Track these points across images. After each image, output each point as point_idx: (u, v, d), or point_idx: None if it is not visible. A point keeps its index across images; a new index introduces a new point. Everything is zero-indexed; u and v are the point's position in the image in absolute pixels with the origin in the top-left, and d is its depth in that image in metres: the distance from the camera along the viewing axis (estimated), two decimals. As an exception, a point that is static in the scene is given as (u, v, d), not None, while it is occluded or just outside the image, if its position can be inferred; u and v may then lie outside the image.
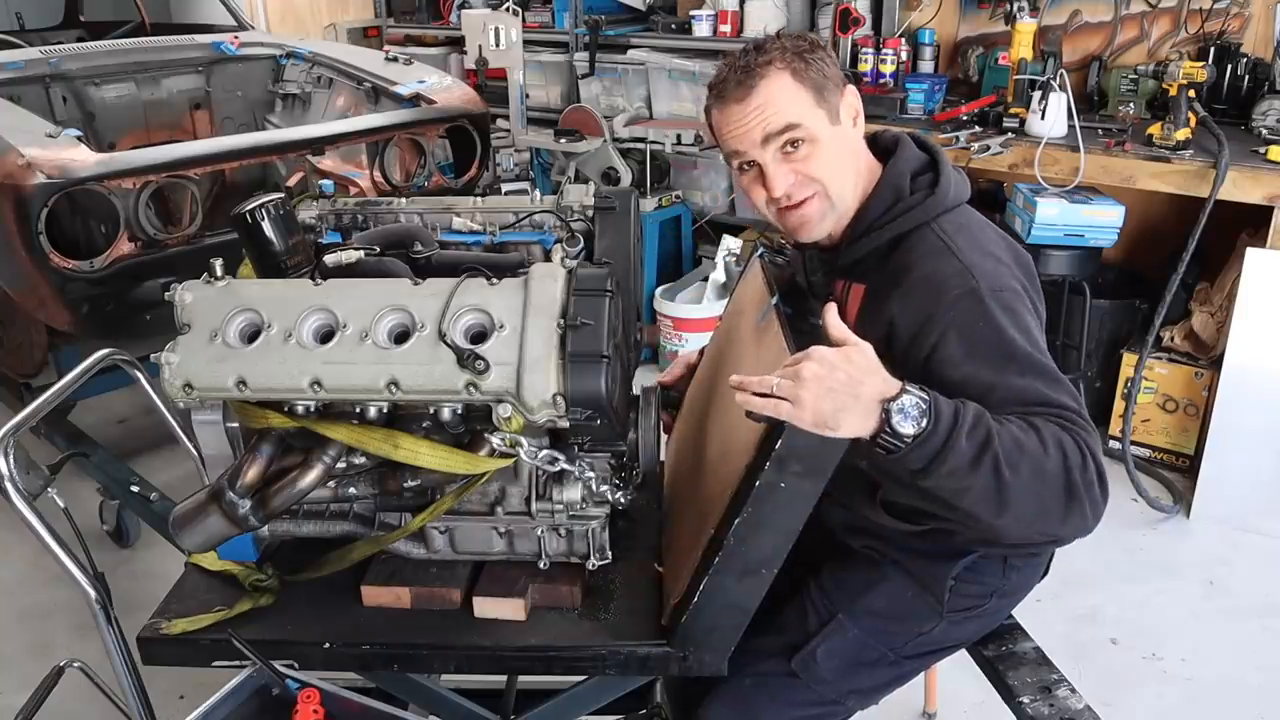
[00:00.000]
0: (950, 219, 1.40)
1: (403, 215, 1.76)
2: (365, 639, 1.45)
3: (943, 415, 1.14)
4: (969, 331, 1.28)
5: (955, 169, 1.47)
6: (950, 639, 1.57)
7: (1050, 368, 1.28)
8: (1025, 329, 1.30)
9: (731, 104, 1.39)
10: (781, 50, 1.38)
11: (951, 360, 1.27)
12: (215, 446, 1.46)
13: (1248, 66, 3.37)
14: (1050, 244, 3.13)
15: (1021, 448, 1.17)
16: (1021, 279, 1.37)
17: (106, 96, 3.70)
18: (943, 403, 1.16)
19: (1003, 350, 1.27)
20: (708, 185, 4.51)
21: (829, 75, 1.40)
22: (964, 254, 1.34)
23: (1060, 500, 1.19)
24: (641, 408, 1.51)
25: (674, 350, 4.06)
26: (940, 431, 1.14)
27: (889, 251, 1.42)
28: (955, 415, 1.15)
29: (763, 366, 1.43)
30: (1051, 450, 1.18)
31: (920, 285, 1.34)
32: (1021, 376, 1.25)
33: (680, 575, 1.40)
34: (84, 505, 2.99)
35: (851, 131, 1.44)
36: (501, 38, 4.25)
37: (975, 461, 1.15)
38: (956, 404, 1.17)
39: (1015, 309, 1.31)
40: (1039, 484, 1.17)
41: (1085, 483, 1.18)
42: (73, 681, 1.66)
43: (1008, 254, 1.40)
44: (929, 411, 1.14)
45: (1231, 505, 3.07)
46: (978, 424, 1.16)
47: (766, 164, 1.39)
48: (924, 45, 3.93)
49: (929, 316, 1.30)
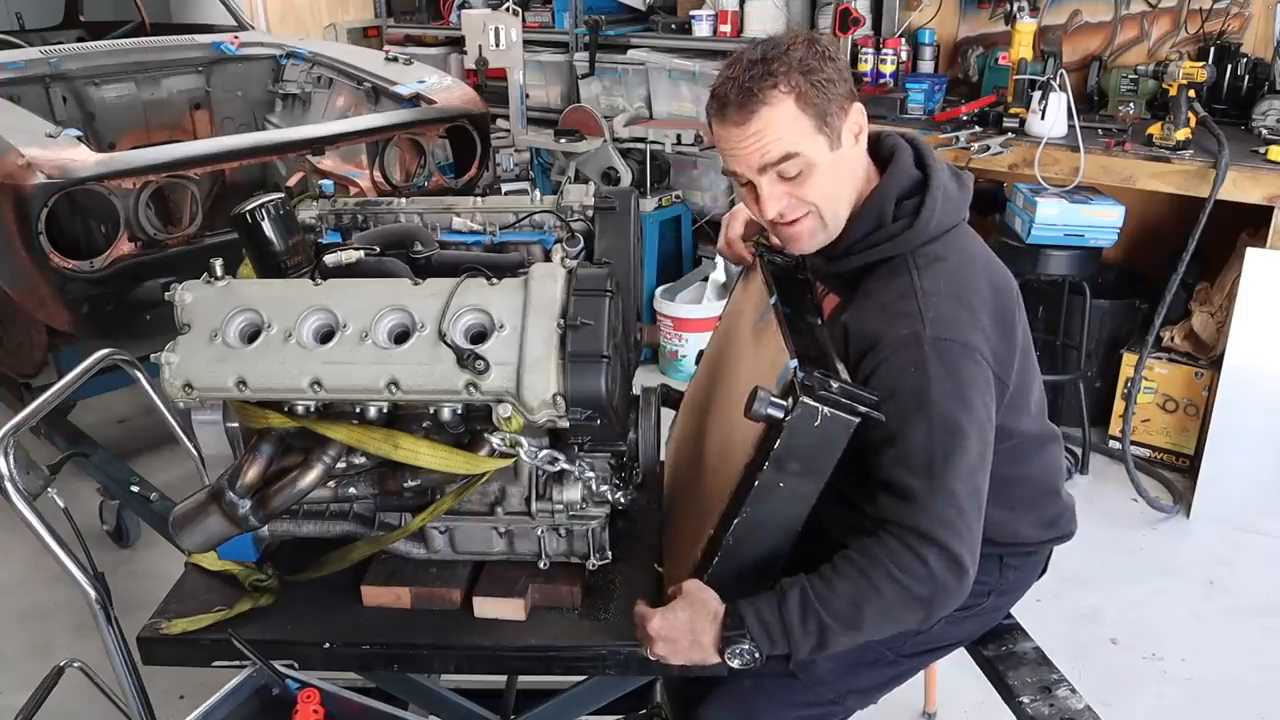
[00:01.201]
0: (929, 251, 1.38)
1: (403, 215, 1.76)
2: (365, 639, 1.45)
3: (773, 640, 1.26)
4: (897, 375, 1.29)
5: (956, 180, 1.44)
6: (948, 637, 1.57)
7: (963, 430, 1.26)
8: (957, 386, 1.27)
9: (730, 126, 1.34)
10: (788, 71, 1.31)
11: (875, 393, 1.28)
12: (215, 446, 1.46)
13: (1248, 66, 3.37)
14: (1050, 244, 3.13)
15: (856, 605, 1.25)
16: (985, 326, 1.33)
17: (106, 96, 3.70)
18: (773, 628, 1.26)
19: (918, 403, 1.26)
20: (708, 185, 4.51)
21: (834, 95, 1.33)
22: (924, 297, 1.32)
23: (916, 614, 1.28)
24: (641, 408, 1.51)
25: (674, 350, 4.07)
26: (779, 647, 1.27)
27: (863, 273, 1.42)
28: (784, 631, 1.26)
29: (762, 366, 1.43)
30: (886, 589, 1.24)
31: (874, 314, 1.35)
32: (924, 434, 1.25)
33: (680, 575, 1.40)
34: (84, 505, 2.99)
35: (852, 150, 1.39)
36: (501, 38, 4.25)
37: (819, 645, 1.27)
38: (781, 613, 1.26)
39: (955, 364, 1.28)
40: (888, 617, 1.27)
41: (932, 591, 1.24)
42: (73, 681, 1.66)
43: (981, 294, 1.36)
44: (756, 651, 1.26)
45: (1231, 505, 3.07)
46: (806, 619, 1.25)
47: (761, 187, 1.37)
48: (924, 45, 3.93)
49: (873, 346, 1.32)
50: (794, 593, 1.26)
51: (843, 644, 1.28)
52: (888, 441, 1.27)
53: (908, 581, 1.23)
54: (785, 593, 1.26)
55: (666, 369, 4.14)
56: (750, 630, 1.26)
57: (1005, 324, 1.37)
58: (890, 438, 1.27)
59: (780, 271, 1.62)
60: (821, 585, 1.26)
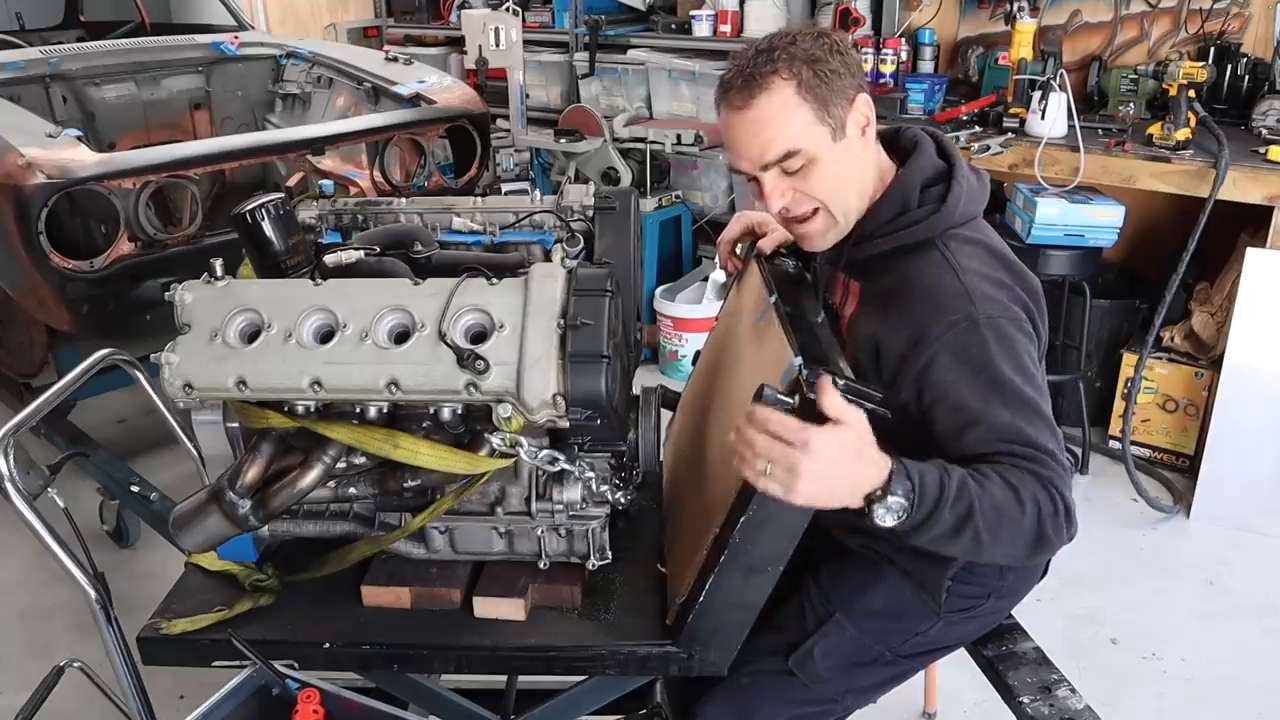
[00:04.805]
0: (957, 235, 1.38)
1: (403, 215, 1.76)
2: (365, 639, 1.45)
3: (925, 501, 1.16)
4: (960, 359, 1.28)
5: (975, 174, 1.44)
6: (948, 639, 1.57)
7: (1035, 402, 1.28)
8: (1017, 359, 1.29)
9: (733, 111, 1.35)
10: (790, 59, 1.31)
11: (939, 385, 1.29)
12: (215, 446, 1.46)
13: (1248, 66, 3.37)
14: (1050, 244, 3.13)
15: (1000, 512, 1.20)
16: (1025, 300, 1.36)
17: (106, 96, 3.70)
18: (927, 483, 1.17)
19: (991, 382, 1.27)
20: (708, 185, 4.51)
21: (838, 86, 1.33)
22: (965, 276, 1.33)
23: (1030, 548, 1.25)
24: (641, 408, 1.51)
25: (674, 350, 4.07)
26: (922, 513, 1.17)
27: (890, 257, 1.41)
28: (939, 496, 1.17)
29: (763, 365, 1.43)
30: (1028, 509, 1.22)
31: (917, 303, 1.33)
32: (1006, 410, 1.26)
33: (684, 575, 1.40)
34: (84, 505, 2.99)
35: (858, 143, 1.38)
36: (501, 38, 4.25)
37: (955, 531, 1.19)
38: (941, 477, 1.18)
39: (1010, 337, 1.30)
40: (1014, 539, 1.23)
41: (1055, 530, 1.23)
42: (73, 681, 1.66)
43: (1012, 276, 1.38)
44: (911, 506, 1.16)
45: (1231, 505, 3.07)
46: (960, 497, 1.18)
47: (765, 182, 1.38)
48: (924, 45, 3.93)
49: (922, 337, 1.30)
50: (957, 472, 1.20)
51: (962, 546, 1.21)
52: (970, 425, 1.26)
53: (1045, 514, 1.22)
54: (948, 468, 1.20)
55: (666, 369, 4.14)
56: (913, 482, 1.16)
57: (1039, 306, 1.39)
58: (973, 420, 1.26)
59: (779, 272, 1.62)
60: (979, 478, 1.21)
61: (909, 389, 1.32)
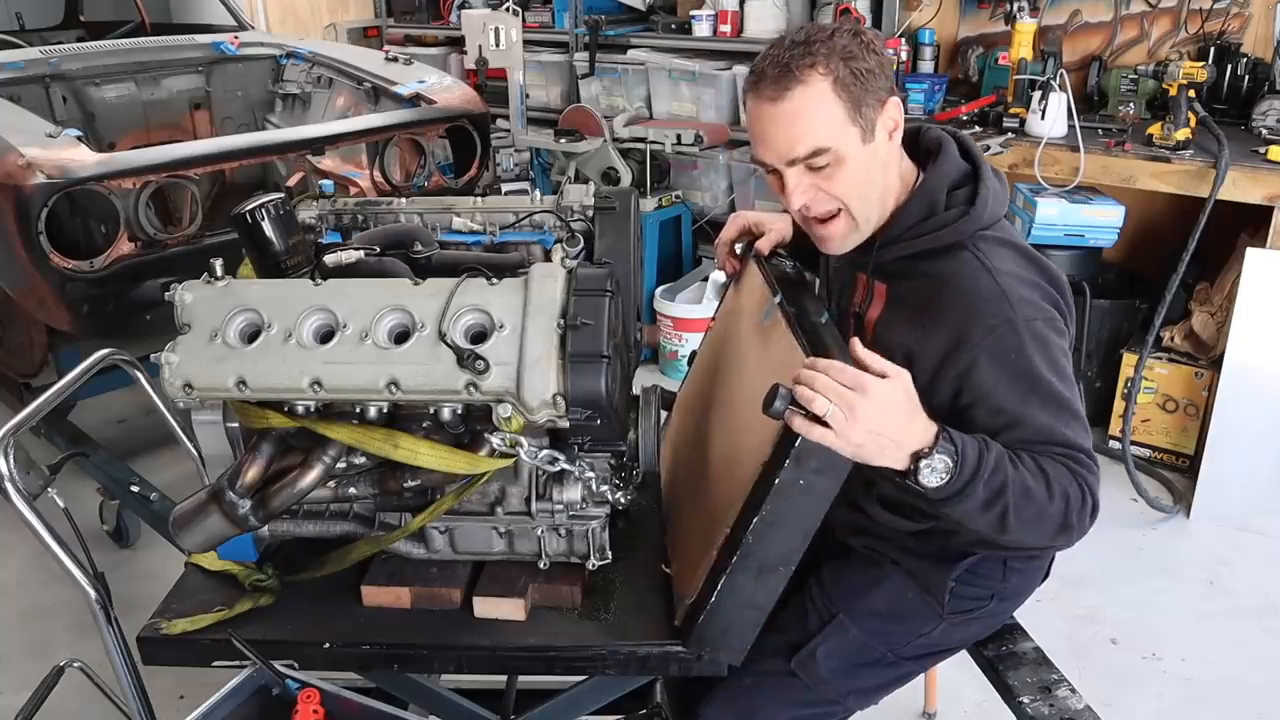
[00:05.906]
0: (986, 237, 1.38)
1: (403, 215, 1.76)
2: (365, 639, 1.45)
3: (966, 467, 1.19)
4: (1000, 362, 1.29)
5: (997, 177, 1.43)
6: (950, 640, 1.57)
7: (1071, 402, 1.31)
8: (1054, 360, 1.31)
9: (764, 102, 1.33)
10: (828, 55, 1.29)
11: (980, 388, 1.30)
12: (215, 446, 1.45)
13: (1248, 66, 3.37)
14: (1050, 244, 3.14)
15: (1030, 496, 1.23)
16: (1055, 297, 1.37)
17: (106, 96, 3.70)
18: (969, 451, 1.20)
19: (1030, 384, 1.29)
20: (708, 185, 4.51)
21: (872, 87, 1.32)
22: (1001, 278, 1.33)
23: (1053, 534, 1.28)
24: (641, 408, 1.51)
25: (674, 350, 4.07)
26: (960, 481, 1.19)
27: (917, 259, 1.40)
28: (977, 466, 1.20)
29: (772, 365, 1.43)
30: (1057, 498, 1.25)
31: (955, 306, 1.33)
32: (1044, 412, 1.28)
33: (692, 576, 1.39)
34: (84, 505, 2.99)
35: (885, 147, 1.37)
36: (501, 38, 4.25)
37: (986, 506, 1.22)
38: (980, 448, 1.21)
39: (1047, 339, 1.31)
40: (1039, 524, 1.26)
41: (1079, 520, 1.27)
42: (73, 681, 1.66)
43: (1042, 274, 1.38)
44: (955, 468, 1.18)
45: (1231, 505, 3.07)
46: (996, 471, 1.21)
47: (788, 177, 1.36)
48: (924, 45, 3.93)
49: (961, 341, 1.31)
50: (996, 448, 1.23)
51: (988, 520, 1.23)
52: (1010, 426, 1.28)
53: (1073, 506, 1.25)
54: (987, 442, 1.23)
55: (666, 369, 4.14)
56: (956, 446, 1.18)
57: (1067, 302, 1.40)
58: (1013, 423, 1.28)
59: (779, 272, 1.62)
60: (1015, 460, 1.24)
61: (946, 389, 1.32)
